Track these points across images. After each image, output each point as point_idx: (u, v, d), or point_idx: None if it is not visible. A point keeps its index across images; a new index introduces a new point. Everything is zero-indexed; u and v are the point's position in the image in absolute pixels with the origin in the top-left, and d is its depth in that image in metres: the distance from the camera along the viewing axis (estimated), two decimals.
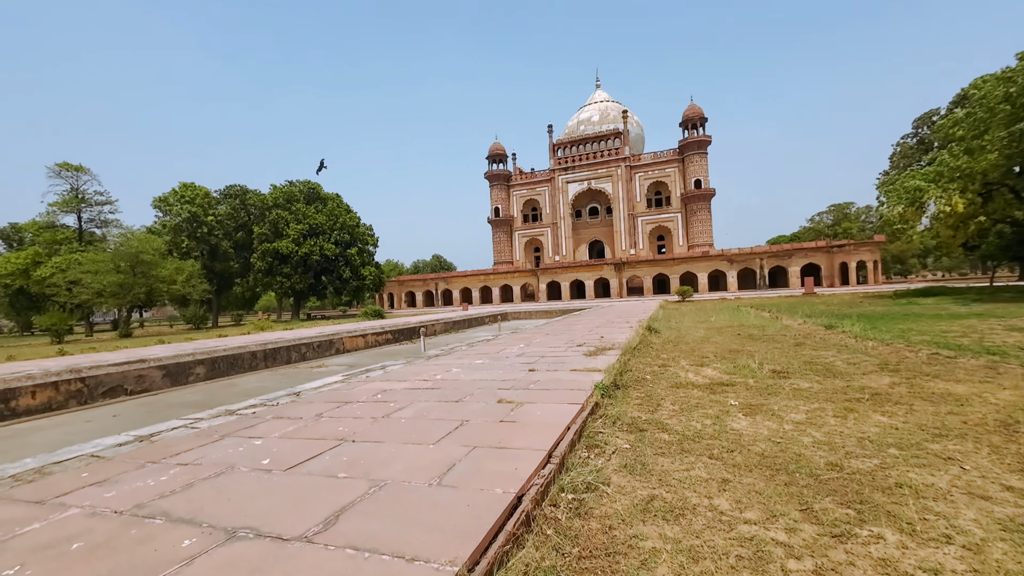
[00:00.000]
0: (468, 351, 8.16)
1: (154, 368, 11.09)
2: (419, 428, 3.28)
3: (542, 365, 5.82)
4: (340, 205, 40.94)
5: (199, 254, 34.42)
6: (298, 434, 3.37)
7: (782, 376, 5.33)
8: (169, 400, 9.96)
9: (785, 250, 39.48)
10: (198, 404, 9.34)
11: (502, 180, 59.41)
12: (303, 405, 4.46)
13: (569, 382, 4.65)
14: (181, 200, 33.61)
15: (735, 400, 4.40)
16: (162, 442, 3.47)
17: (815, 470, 2.73)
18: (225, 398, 9.88)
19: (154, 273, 26.15)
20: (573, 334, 10.12)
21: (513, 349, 7.92)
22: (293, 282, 36.19)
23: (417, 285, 56.10)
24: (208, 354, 12.48)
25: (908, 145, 36.03)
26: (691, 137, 49.87)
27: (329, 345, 16.42)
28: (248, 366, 13.46)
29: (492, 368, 5.87)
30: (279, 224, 36.19)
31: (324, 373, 11.94)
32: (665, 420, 3.78)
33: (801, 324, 11.53)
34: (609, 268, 44.47)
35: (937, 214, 17.96)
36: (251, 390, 10.56)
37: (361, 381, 5.61)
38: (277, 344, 14.44)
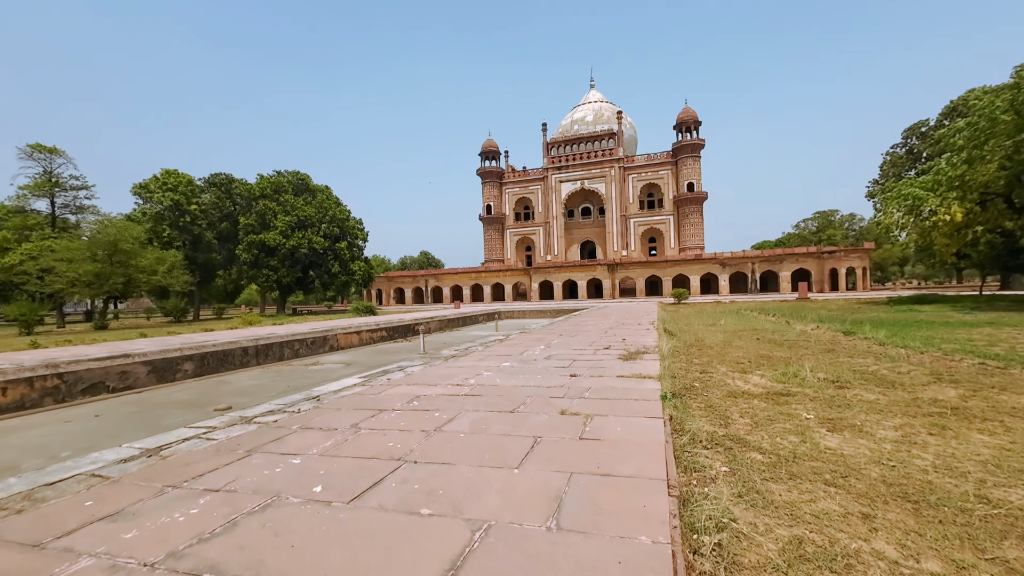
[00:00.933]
0: (486, 352, 7.69)
1: (139, 364, 10.34)
2: (487, 446, 2.82)
3: (581, 370, 5.40)
4: (330, 197, 39.88)
5: (181, 244, 32.99)
6: (340, 451, 2.88)
7: (839, 386, 5.01)
8: (156, 399, 9.26)
9: (777, 255, 39.94)
10: (190, 404, 8.69)
11: (495, 177, 58.86)
12: (330, 413, 3.95)
13: (624, 390, 4.24)
14: (163, 187, 32.12)
15: (806, 413, 4.05)
16: (176, 458, 2.94)
17: (961, 503, 2.37)
18: (217, 397, 9.22)
19: (133, 263, 24.84)
20: (589, 335, 9.74)
21: (536, 351, 7.48)
22: (280, 275, 35.05)
23: (406, 281, 55.19)
24: (196, 349, 11.74)
25: (898, 155, 36.77)
26: (685, 140, 50.11)
27: (323, 342, 15.75)
28: (239, 363, 12.75)
29: (526, 372, 5.42)
30: (266, 215, 34.99)
31: (322, 372, 11.32)
32: (745, 436, 3.40)
33: (815, 329, 11.37)
34: (602, 269, 44.36)
35: (936, 222, 18.14)
36: (245, 388, 9.92)
37: (384, 384, 5.11)
38: (269, 340, 13.74)
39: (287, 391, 9.33)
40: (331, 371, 11.83)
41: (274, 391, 9.47)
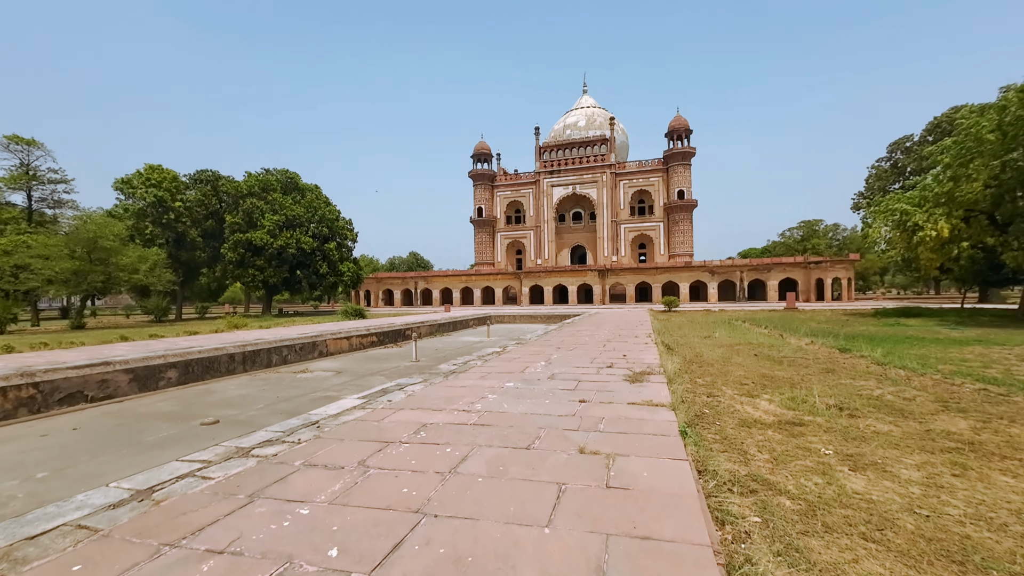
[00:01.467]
0: (486, 368, 7.52)
1: (120, 372, 9.93)
2: (510, 495, 2.65)
3: (589, 394, 5.27)
4: (319, 197, 39.24)
5: (164, 242, 32.08)
6: (352, 497, 2.69)
7: (850, 415, 4.96)
8: (138, 409, 8.88)
9: (764, 264, 40.51)
10: (174, 416, 8.34)
11: (486, 180, 58.69)
12: (333, 445, 3.74)
13: (639, 421, 4.11)
14: (146, 183, 31.20)
15: (824, 447, 3.97)
16: (171, 504, 2.71)
17: (1009, 566, 2.29)
18: (203, 408, 8.88)
19: (114, 261, 24.04)
20: (588, 350, 9.62)
21: (537, 367, 7.33)
22: (267, 275, 34.31)
23: (396, 283, 54.64)
24: (181, 356, 11.35)
25: (883, 168, 37.63)
26: (676, 148, 50.60)
27: (312, 348, 15.41)
28: (225, 370, 12.37)
29: (532, 396, 5.27)
30: (254, 214, 34.24)
31: (312, 381, 11.01)
32: (768, 476, 3.30)
33: (809, 344, 11.45)
34: (593, 274, 44.48)
35: (923, 237, 18.51)
36: (232, 399, 9.58)
37: (386, 408, 4.91)
38: (257, 346, 13.36)
39: (276, 403, 9.04)
40: (321, 380, 11.53)
41: (262, 402, 9.17)
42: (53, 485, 5.15)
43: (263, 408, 8.70)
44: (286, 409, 8.49)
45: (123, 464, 5.70)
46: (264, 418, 7.96)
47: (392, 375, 11.83)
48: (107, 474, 5.42)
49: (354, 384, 10.78)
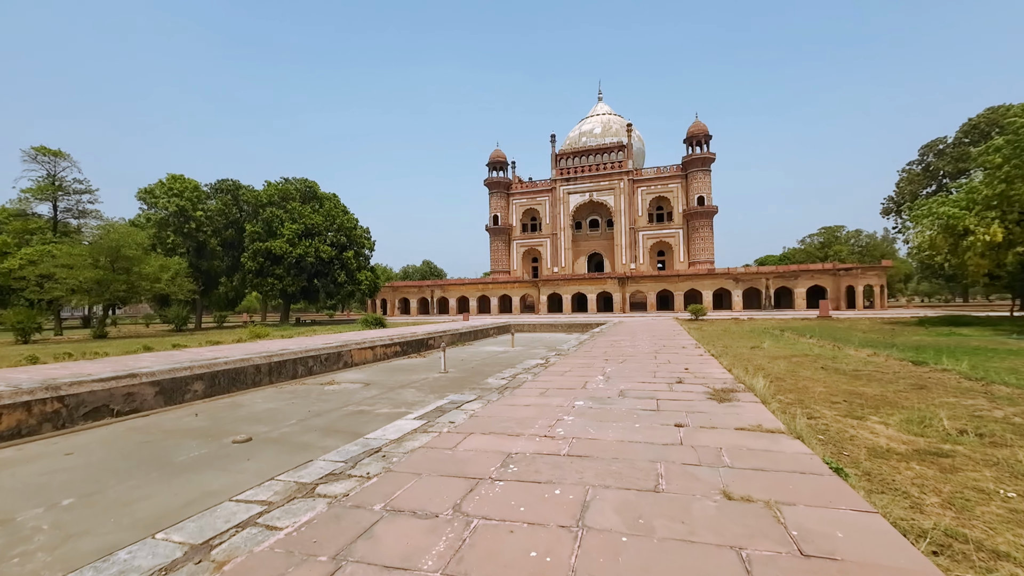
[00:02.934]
0: (540, 383, 6.89)
1: (146, 384, 9.52)
2: (676, 567, 2.01)
3: (678, 416, 4.61)
4: (337, 205, 39.24)
5: (185, 251, 32.19)
6: (468, 565, 2.08)
7: (992, 442, 4.22)
8: (165, 424, 8.42)
9: (791, 271, 39.31)
10: (203, 433, 7.84)
11: (502, 188, 58.47)
12: (410, 481, 3.14)
13: (767, 454, 3.44)
14: (168, 193, 31.40)
15: (998, 487, 3.26)
16: (237, 570, 2.13)
17: None
18: (232, 424, 8.37)
19: (136, 270, 24.02)
20: (642, 362, 8.94)
21: (597, 383, 6.69)
22: (285, 284, 34.20)
23: (412, 292, 54.40)
24: (208, 367, 10.93)
25: (914, 172, 36.38)
26: (695, 154, 49.85)
27: (337, 358, 14.94)
28: (251, 381, 11.93)
29: (615, 418, 4.63)
30: (273, 223, 34.26)
31: (342, 394, 10.47)
32: (963, 530, 2.61)
33: (873, 356, 10.59)
34: (612, 282, 43.65)
35: (974, 242, 17.49)
36: (260, 414, 9.07)
37: (452, 432, 4.31)
38: (283, 357, 12.92)
39: (308, 418, 8.51)
40: (350, 392, 11.02)
41: (294, 417, 8.65)
42: (81, 515, 4.63)
43: (295, 424, 8.17)
44: (320, 426, 7.97)
45: (155, 491, 5.18)
46: (299, 436, 7.44)
47: (423, 388, 11.27)
48: (138, 502, 4.90)
49: (386, 398, 10.24)
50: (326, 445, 6.88)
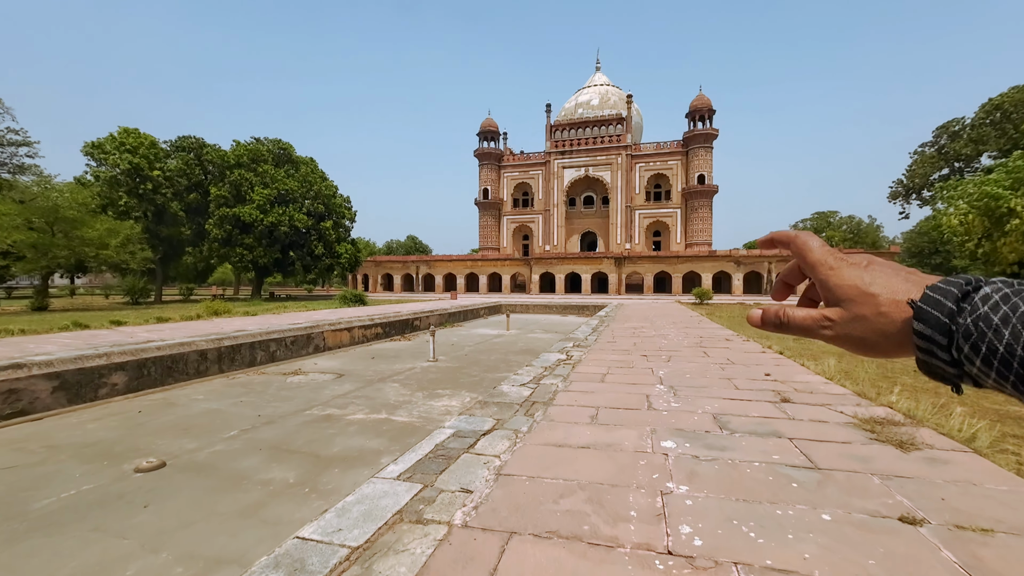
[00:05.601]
0: (577, 394, 4.82)
1: (39, 378, 7.16)
2: None
3: (879, 489, 2.58)
4: (315, 171, 35.95)
5: (141, 215, 28.79)
6: None
7: None
8: (55, 436, 6.15)
9: None
10: (103, 451, 5.62)
11: (493, 160, 55.37)
12: None
13: None
14: (120, 148, 27.73)
15: None
16: None
17: None
18: (151, 435, 6.11)
19: (78, 233, 20.93)
20: (691, 360, 6.94)
21: (662, 397, 4.65)
22: (256, 255, 31.19)
23: (396, 267, 51.62)
24: (133, 354, 8.58)
25: (927, 155, 34.89)
26: (697, 129, 47.53)
27: (306, 341, 12.67)
28: (194, 371, 9.63)
29: (764, 494, 2.57)
30: (242, 186, 30.96)
31: (306, 388, 8.20)
32: None
33: None
34: (609, 262, 41.71)
35: (1019, 225, 15.93)
36: (196, 418, 6.85)
37: (470, 525, 2.19)
38: (237, 340, 10.60)
39: (256, 427, 6.32)
40: (319, 386, 8.84)
41: (237, 424, 6.46)
42: None
43: (236, 438, 5.98)
44: (269, 441, 5.81)
45: None
46: (235, 459, 5.30)
47: (409, 382, 9.16)
48: None
49: (361, 396, 8.09)
50: (269, 480, 4.77)
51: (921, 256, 63.08)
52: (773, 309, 0.51)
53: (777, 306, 0.51)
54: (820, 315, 0.47)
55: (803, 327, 0.48)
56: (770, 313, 0.51)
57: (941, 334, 0.38)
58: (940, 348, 0.38)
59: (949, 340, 0.38)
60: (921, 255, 62.11)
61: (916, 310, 0.40)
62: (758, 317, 0.52)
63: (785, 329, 0.50)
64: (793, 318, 0.49)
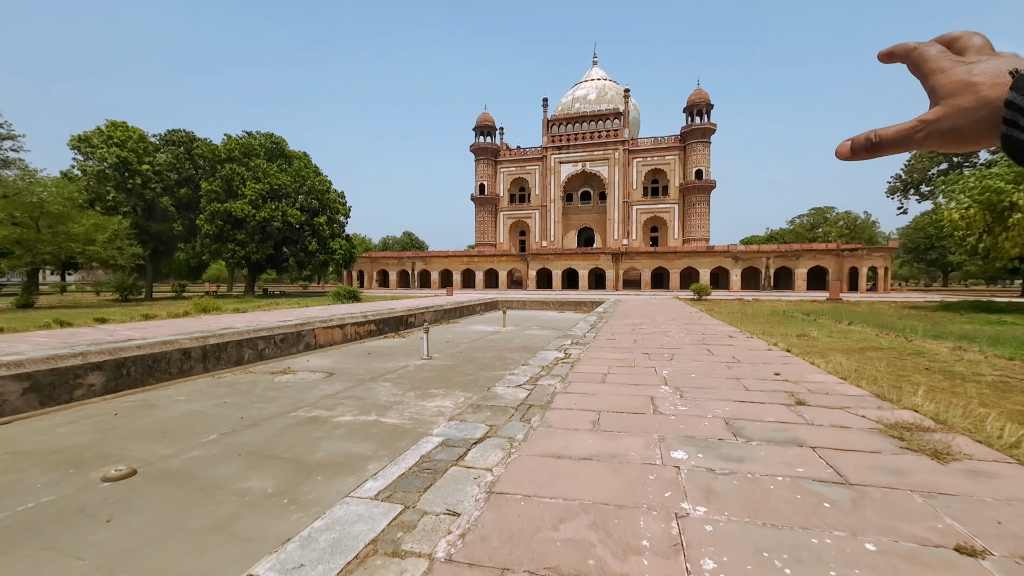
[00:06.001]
0: (577, 396, 4.51)
1: (7, 379, 6.79)
2: None
3: (906, 503, 2.27)
4: (308, 166, 35.40)
5: (130, 210, 28.18)
6: None
7: None
8: (22, 441, 5.83)
9: (793, 250, 37.70)
10: (71, 457, 5.31)
11: (489, 155, 54.86)
12: None
13: None
14: (108, 142, 27.08)
15: None
16: None
17: None
18: (124, 439, 5.75)
19: (63, 229, 20.39)
20: (694, 358, 6.64)
21: (668, 399, 4.34)
22: (248, 251, 30.68)
23: (391, 263, 51.15)
24: (112, 353, 8.22)
25: None
26: (694, 124, 47.18)
27: (297, 339, 12.31)
28: (177, 370, 9.26)
29: (779, 509, 2.26)
30: (233, 181, 30.41)
31: (295, 388, 7.85)
32: None
33: (956, 350, 8.56)
34: (606, 258, 41.42)
35: (1020, 219, 15.71)
36: (173, 421, 6.51)
37: (454, 555, 1.86)
38: (223, 338, 10.24)
39: (237, 430, 5.98)
40: (307, 386, 8.52)
41: (217, 428, 6.12)
42: None
43: (215, 442, 5.65)
44: (250, 446, 5.49)
45: None
46: (212, 465, 4.99)
47: (402, 381, 8.84)
48: None
49: (351, 396, 7.77)
50: (245, 489, 4.46)
51: (917, 252, 63.14)
52: (861, 135, 0.50)
53: (863, 133, 0.50)
54: (914, 121, 0.47)
55: (897, 139, 0.48)
56: (859, 139, 0.50)
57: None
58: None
59: None
60: (917, 250, 62.15)
61: (1017, 79, 0.40)
62: (847, 147, 0.51)
63: (879, 149, 0.49)
64: (885, 134, 0.49)
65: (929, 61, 0.48)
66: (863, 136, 0.50)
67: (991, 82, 0.43)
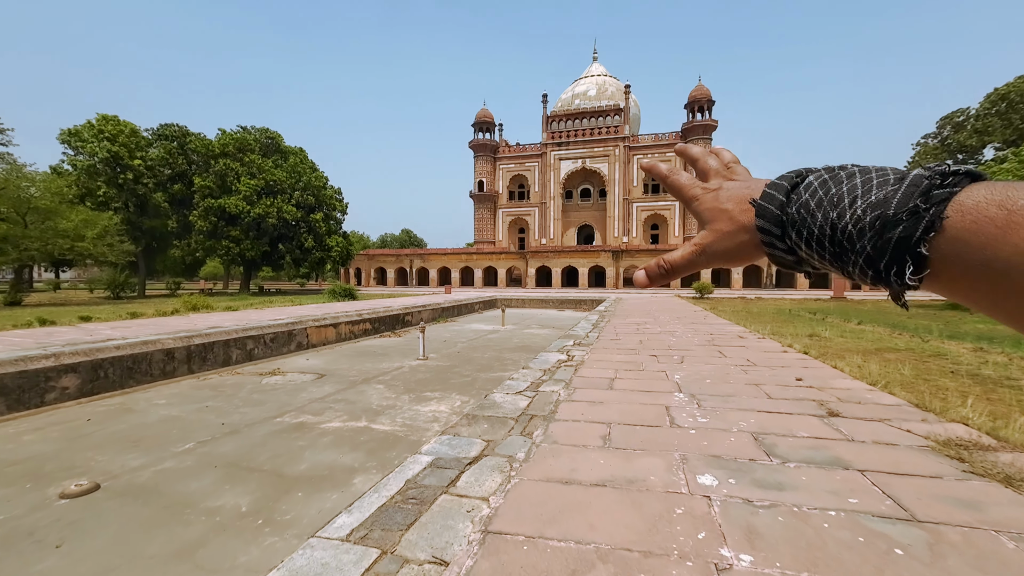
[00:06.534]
0: (584, 407, 4.08)
1: None
2: None
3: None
4: (304, 161, 34.85)
5: (121, 205, 27.61)
6: None
7: None
8: None
9: None
10: (31, 469, 4.87)
11: (488, 151, 54.30)
12: None
13: None
14: (99, 136, 26.49)
15: None
16: None
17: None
18: (92, 452, 5.27)
19: (51, 225, 19.86)
20: (708, 360, 6.22)
21: (684, 409, 3.91)
22: (243, 248, 30.17)
23: (389, 261, 50.64)
24: (88, 354, 7.77)
25: (929, 145, 34.31)
26: (696, 120, 46.69)
27: (288, 338, 11.87)
28: (160, 371, 8.82)
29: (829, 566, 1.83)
30: (227, 177, 29.87)
31: (283, 390, 7.40)
32: None
33: (977, 351, 8.16)
34: (606, 256, 40.97)
35: None
36: (149, 427, 6.07)
37: None
38: (209, 337, 9.79)
39: (216, 438, 5.55)
40: (296, 388, 8.10)
41: (194, 435, 5.69)
42: None
43: (191, 452, 5.22)
44: (227, 457, 5.06)
45: None
46: (183, 479, 4.57)
47: (395, 383, 8.42)
48: None
49: (342, 400, 7.35)
50: (217, 507, 4.03)
51: None
52: (653, 263, 0.52)
53: (654, 260, 0.53)
54: (693, 246, 0.49)
55: (684, 264, 0.50)
56: (652, 267, 0.53)
57: (776, 225, 0.40)
58: (777, 239, 0.41)
59: (783, 231, 0.40)
60: None
61: (756, 208, 0.42)
62: (643, 276, 0.53)
63: (672, 274, 0.52)
64: (673, 259, 0.51)
65: (683, 190, 0.52)
66: (655, 264, 0.51)
67: (739, 208, 0.45)
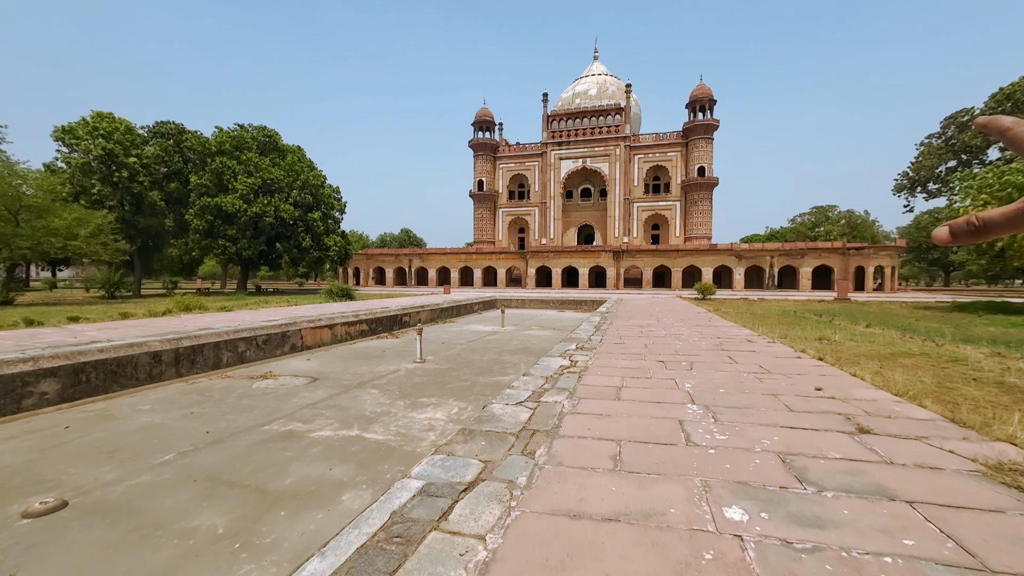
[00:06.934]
0: (590, 421, 3.76)
1: None
2: None
3: None
4: (302, 160, 34.51)
5: (116, 204, 27.29)
6: None
7: None
8: None
9: (798, 248, 36.98)
10: None
11: (488, 150, 53.98)
12: None
13: None
14: (93, 133, 26.16)
15: None
16: None
17: None
18: (66, 463, 4.90)
19: (42, 223, 19.52)
20: (718, 366, 5.90)
21: (699, 422, 3.60)
22: (240, 247, 29.84)
23: (388, 261, 50.30)
24: (69, 357, 7.45)
25: (934, 146, 33.99)
26: (697, 120, 46.38)
27: (282, 340, 11.56)
28: (146, 375, 8.50)
29: None
30: (224, 175, 29.52)
31: (273, 396, 7.03)
32: None
33: (995, 355, 7.85)
34: (607, 256, 40.65)
35: None
36: (128, 436, 5.74)
37: None
38: (199, 340, 9.47)
39: (199, 447, 5.21)
40: (288, 393, 7.78)
41: (175, 446, 5.36)
42: None
43: (169, 463, 4.89)
44: (209, 469, 4.75)
45: None
46: (159, 495, 4.25)
47: (391, 387, 8.10)
48: None
49: (334, 405, 7.03)
50: (192, 528, 3.71)
51: (919, 251, 62.55)
52: (961, 219, 0.48)
53: (962, 217, 0.48)
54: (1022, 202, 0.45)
55: (1003, 220, 0.45)
56: (959, 223, 0.48)
57: None
58: None
59: None
60: (919, 250, 61.56)
61: None
62: (946, 233, 0.50)
63: (983, 232, 0.47)
64: (991, 215, 0.46)
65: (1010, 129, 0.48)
66: (963, 220, 0.48)
67: None
